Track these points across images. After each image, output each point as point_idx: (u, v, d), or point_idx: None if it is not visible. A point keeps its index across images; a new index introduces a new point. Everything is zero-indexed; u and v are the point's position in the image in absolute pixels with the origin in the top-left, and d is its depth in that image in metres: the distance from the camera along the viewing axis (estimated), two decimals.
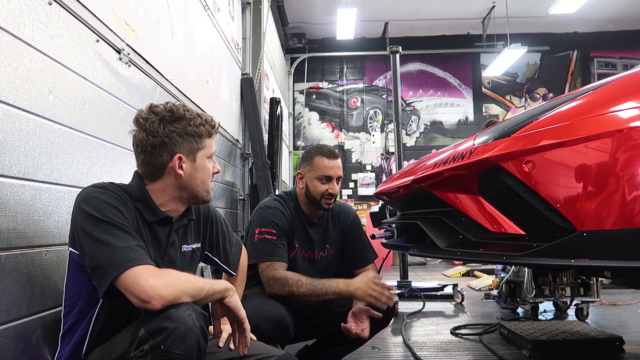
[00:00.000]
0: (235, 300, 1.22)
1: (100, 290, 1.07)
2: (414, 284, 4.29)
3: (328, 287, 1.82)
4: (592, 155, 1.27)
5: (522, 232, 1.43)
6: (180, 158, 1.22)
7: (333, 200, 2.01)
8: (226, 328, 1.36)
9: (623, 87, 1.35)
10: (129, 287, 1.04)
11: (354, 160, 8.46)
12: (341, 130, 8.51)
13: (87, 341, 1.18)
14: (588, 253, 1.26)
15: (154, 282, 1.04)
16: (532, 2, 7.18)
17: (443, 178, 1.62)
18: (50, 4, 1.32)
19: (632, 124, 1.24)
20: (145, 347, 1.02)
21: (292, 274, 1.85)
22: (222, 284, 1.20)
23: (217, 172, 1.34)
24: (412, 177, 1.76)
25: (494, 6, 7.33)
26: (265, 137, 4.27)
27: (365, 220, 6.78)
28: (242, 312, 1.24)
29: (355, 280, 1.84)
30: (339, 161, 2.02)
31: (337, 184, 2.01)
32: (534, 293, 3.24)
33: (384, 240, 2.24)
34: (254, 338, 1.39)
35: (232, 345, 1.31)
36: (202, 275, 2.90)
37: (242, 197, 3.90)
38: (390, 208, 2.63)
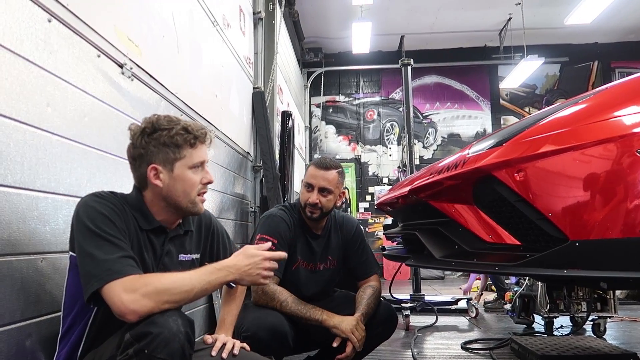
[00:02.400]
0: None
1: (85, 297, 1.11)
2: (427, 298, 4.23)
3: (312, 314, 1.84)
4: (583, 164, 1.25)
5: (517, 242, 1.42)
6: (155, 169, 1.24)
7: (318, 211, 1.97)
8: (220, 337, 1.37)
9: (611, 96, 1.34)
10: (107, 300, 1.08)
11: (370, 173, 8.45)
12: (358, 143, 8.51)
13: (82, 344, 1.21)
14: (581, 263, 1.23)
15: (126, 298, 1.06)
16: (549, 14, 7.11)
17: (438, 188, 1.61)
18: (49, 21, 1.38)
19: (625, 132, 1.22)
20: (130, 351, 1.04)
21: (280, 291, 1.85)
22: (219, 274, 1.20)
23: (209, 183, 1.32)
24: (408, 188, 1.76)
25: (510, 18, 7.28)
26: (277, 149, 4.31)
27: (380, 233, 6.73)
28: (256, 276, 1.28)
29: (339, 318, 1.84)
30: (328, 173, 1.97)
31: (324, 196, 1.96)
32: (548, 307, 3.16)
33: (386, 252, 2.23)
34: (247, 348, 1.40)
35: (224, 355, 1.31)
36: (211, 299, 2.93)
37: (253, 209, 3.94)
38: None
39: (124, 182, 1.77)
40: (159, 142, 1.23)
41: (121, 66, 1.80)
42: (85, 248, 1.12)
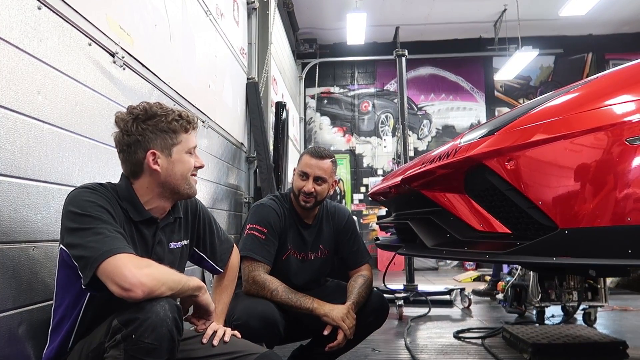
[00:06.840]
0: (206, 298, 1.28)
1: (85, 278, 1.08)
2: (420, 288, 4.26)
3: (303, 302, 1.84)
4: (574, 153, 1.26)
5: (507, 231, 1.43)
6: (154, 154, 1.25)
7: (312, 199, 1.97)
8: (212, 325, 1.38)
9: (602, 85, 1.34)
10: (110, 274, 1.05)
11: (365, 165, 8.45)
12: (352, 135, 8.51)
13: (73, 335, 1.21)
14: (570, 251, 1.25)
15: (136, 271, 1.06)
16: (543, 5, 7.10)
17: (430, 177, 1.62)
18: (39, 8, 1.37)
19: (615, 121, 1.23)
20: (118, 336, 1.05)
21: (271, 280, 1.85)
22: (194, 281, 1.23)
23: (201, 167, 1.35)
24: (401, 177, 1.77)
25: (505, 9, 7.27)
26: (271, 140, 4.30)
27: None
28: (212, 308, 1.32)
29: (330, 306, 1.84)
30: (323, 162, 1.97)
31: (319, 185, 1.96)
32: (539, 297, 3.19)
33: (378, 241, 2.24)
34: (238, 335, 1.41)
35: (215, 342, 1.32)
36: (204, 277, 2.93)
37: (247, 200, 3.94)
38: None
39: (116, 171, 1.75)
40: (157, 128, 1.24)
41: (113, 55, 1.79)
42: (83, 228, 1.11)
